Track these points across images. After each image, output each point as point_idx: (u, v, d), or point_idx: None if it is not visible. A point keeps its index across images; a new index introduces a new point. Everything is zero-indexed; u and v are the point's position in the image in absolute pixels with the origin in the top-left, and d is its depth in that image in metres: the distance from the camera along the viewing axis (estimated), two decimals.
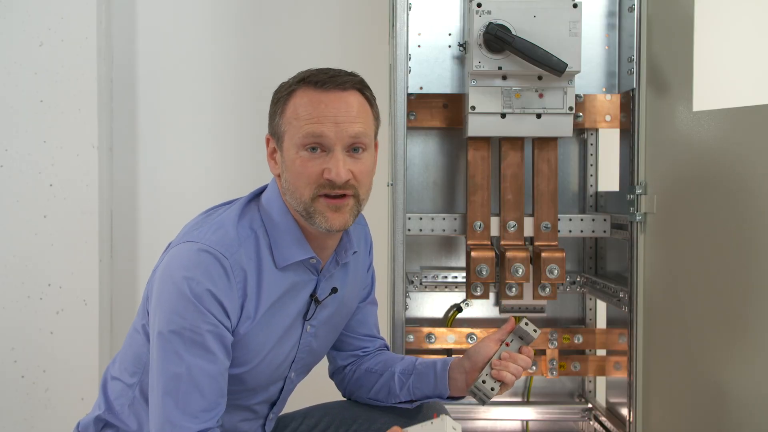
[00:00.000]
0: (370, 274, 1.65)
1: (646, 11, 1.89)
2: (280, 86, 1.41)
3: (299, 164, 1.33)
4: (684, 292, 1.78)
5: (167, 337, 1.27)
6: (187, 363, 1.27)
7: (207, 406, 1.29)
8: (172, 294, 1.28)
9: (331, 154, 1.32)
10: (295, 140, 1.33)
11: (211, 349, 1.28)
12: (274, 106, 1.40)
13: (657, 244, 1.87)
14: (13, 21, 2.46)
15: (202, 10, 2.68)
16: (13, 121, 2.47)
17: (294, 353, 1.46)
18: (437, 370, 1.52)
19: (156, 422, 1.29)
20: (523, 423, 2.26)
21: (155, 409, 1.29)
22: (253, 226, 1.38)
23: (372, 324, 1.66)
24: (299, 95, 1.36)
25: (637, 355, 1.92)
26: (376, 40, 2.59)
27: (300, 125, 1.33)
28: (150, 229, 2.69)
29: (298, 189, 1.34)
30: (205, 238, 1.31)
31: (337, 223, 1.34)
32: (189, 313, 1.26)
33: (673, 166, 1.82)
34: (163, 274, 1.31)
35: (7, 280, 2.49)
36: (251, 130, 2.66)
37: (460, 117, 2.05)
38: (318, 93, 1.34)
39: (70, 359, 2.51)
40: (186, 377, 1.27)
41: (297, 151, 1.33)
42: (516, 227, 2.00)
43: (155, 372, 1.30)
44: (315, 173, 1.32)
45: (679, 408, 1.81)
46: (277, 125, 1.38)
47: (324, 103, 1.33)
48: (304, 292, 1.43)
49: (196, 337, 1.27)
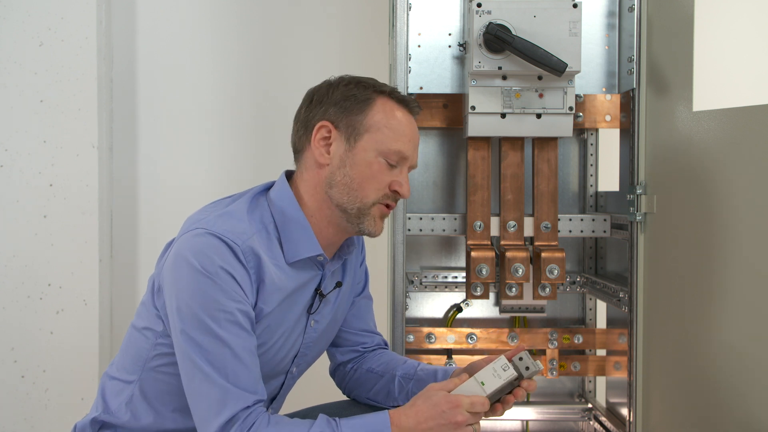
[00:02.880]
0: (363, 268, 1.67)
1: (646, 11, 1.89)
2: (352, 82, 1.43)
3: (377, 169, 1.39)
4: (684, 292, 1.78)
5: (201, 321, 1.27)
6: (228, 342, 1.27)
7: (255, 378, 1.31)
8: (192, 279, 1.28)
9: (401, 171, 1.43)
10: (382, 147, 1.39)
11: (243, 326, 1.30)
12: (352, 102, 1.40)
13: (657, 244, 1.87)
14: (13, 21, 2.46)
15: (202, 10, 2.68)
16: (13, 121, 2.47)
17: (298, 347, 1.49)
18: (438, 378, 1.53)
19: (206, 406, 1.27)
20: (523, 423, 2.26)
21: (203, 395, 1.27)
22: (264, 221, 1.39)
23: (369, 319, 1.68)
24: (388, 105, 1.42)
25: (637, 355, 1.92)
26: (376, 40, 2.59)
27: (392, 137, 1.40)
28: (150, 229, 2.69)
29: (363, 189, 1.39)
30: (214, 226, 1.32)
31: (380, 230, 1.44)
32: (215, 294, 1.27)
33: (673, 166, 1.82)
34: (177, 262, 1.31)
35: (7, 280, 2.49)
36: (251, 130, 2.66)
37: (460, 117, 2.05)
38: (405, 112, 1.44)
39: (70, 359, 2.50)
40: (230, 356, 1.27)
41: (376, 156, 1.39)
42: (516, 227, 2.00)
43: (193, 360, 1.28)
44: (386, 182, 1.41)
45: (679, 408, 1.81)
46: (356, 121, 1.39)
47: (411, 127, 1.44)
48: (309, 286, 1.46)
49: (228, 316, 1.28)
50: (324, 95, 1.43)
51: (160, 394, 1.42)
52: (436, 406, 1.27)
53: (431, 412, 1.27)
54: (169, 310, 1.33)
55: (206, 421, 1.27)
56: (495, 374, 1.32)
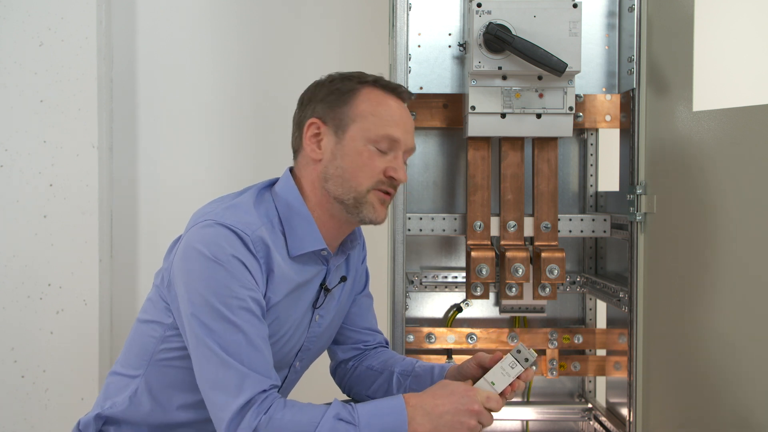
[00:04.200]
0: (364, 267, 1.69)
1: (646, 11, 1.89)
2: (336, 78, 1.45)
3: (367, 157, 1.40)
4: (684, 292, 1.78)
5: (215, 309, 1.28)
6: (242, 328, 1.28)
7: (269, 364, 1.32)
8: (205, 269, 1.29)
9: (396, 157, 1.43)
10: (369, 135, 1.40)
11: (255, 313, 1.31)
12: (336, 95, 1.43)
13: (657, 244, 1.87)
14: (13, 21, 2.46)
15: (202, 10, 2.68)
16: (13, 121, 2.47)
17: (302, 341, 1.50)
18: (435, 374, 1.55)
19: (222, 390, 1.27)
20: (523, 423, 2.26)
21: (219, 380, 1.27)
22: (269, 215, 1.41)
23: (370, 317, 1.70)
24: (371, 92, 1.43)
25: (637, 355, 1.92)
26: (376, 40, 2.59)
27: (378, 123, 1.41)
28: (150, 229, 2.69)
29: (356, 178, 1.40)
30: (222, 217, 1.34)
31: (382, 216, 1.44)
32: (227, 281, 1.28)
33: (673, 166, 1.82)
34: (188, 254, 1.32)
35: (7, 280, 2.49)
36: (251, 130, 2.66)
37: (460, 117, 2.05)
38: (393, 98, 1.45)
39: (70, 359, 2.51)
40: (245, 341, 1.28)
41: (365, 144, 1.40)
42: (516, 227, 2.00)
43: (209, 345, 1.28)
44: (379, 169, 1.41)
45: (679, 408, 1.81)
46: (341, 113, 1.41)
47: (400, 111, 1.44)
48: (314, 281, 1.48)
49: (240, 302, 1.29)
50: (312, 94, 1.47)
51: (165, 388, 1.42)
52: (453, 393, 1.31)
53: (448, 398, 1.30)
54: (181, 300, 1.33)
55: (223, 405, 1.27)
56: (504, 373, 1.37)
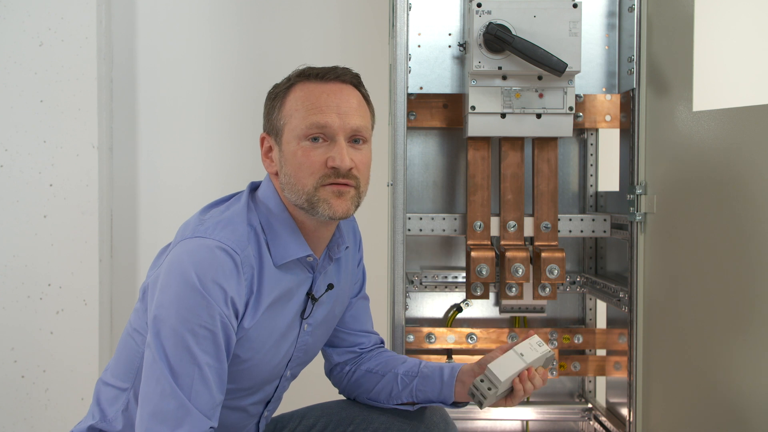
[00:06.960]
0: (361, 269, 1.65)
1: (646, 11, 1.89)
2: (275, 85, 1.42)
3: (301, 155, 1.33)
4: (684, 292, 1.78)
5: (179, 334, 1.24)
6: (199, 361, 1.24)
7: (214, 404, 1.28)
8: (183, 289, 1.24)
9: (334, 144, 1.33)
10: (297, 132, 1.34)
11: (221, 347, 1.27)
12: (271, 103, 1.41)
13: (657, 244, 1.86)
14: (13, 21, 2.46)
15: (201, 11, 2.68)
16: (13, 121, 2.47)
17: (291, 352, 1.46)
18: (445, 375, 1.51)
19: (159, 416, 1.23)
20: (523, 423, 2.26)
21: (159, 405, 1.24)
22: (252, 223, 1.37)
23: (366, 319, 1.66)
24: (299, 89, 1.37)
25: (637, 355, 1.92)
26: (376, 40, 2.59)
27: (302, 116, 1.34)
28: (150, 229, 2.69)
29: (300, 180, 1.34)
30: (217, 234, 1.30)
31: (341, 210, 1.34)
32: (201, 309, 1.24)
33: (673, 166, 1.82)
34: (173, 268, 1.27)
35: (7, 280, 2.49)
36: (251, 130, 2.66)
37: (460, 117, 2.05)
38: (319, 84, 1.36)
39: (70, 359, 2.51)
40: (198, 375, 1.24)
41: (298, 143, 1.34)
42: (516, 227, 2.00)
43: (161, 370, 1.24)
44: (318, 162, 1.33)
45: (679, 408, 1.81)
46: (276, 120, 1.38)
47: (326, 94, 1.35)
48: (301, 290, 1.43)
49: (207, 334, 1.25)
50: (265, 110, 1.44)
51: None
52: None
53: None
54: (149, 312, 1.29)
55: (152, 429, 1.23)
56: (531, 348, 1.37)
